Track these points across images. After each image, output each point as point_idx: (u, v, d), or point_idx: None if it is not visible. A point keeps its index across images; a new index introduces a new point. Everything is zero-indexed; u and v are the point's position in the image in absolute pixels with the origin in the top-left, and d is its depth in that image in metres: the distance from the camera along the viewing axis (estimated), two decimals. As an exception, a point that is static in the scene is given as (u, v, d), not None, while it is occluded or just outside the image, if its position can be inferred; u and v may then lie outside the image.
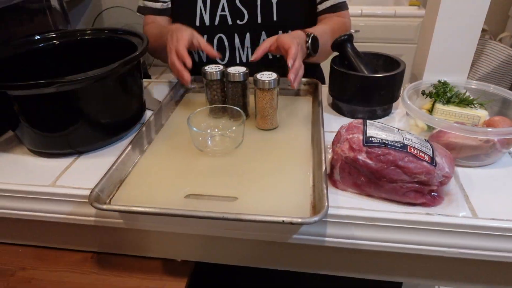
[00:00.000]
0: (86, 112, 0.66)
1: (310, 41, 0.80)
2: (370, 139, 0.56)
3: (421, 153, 0.54)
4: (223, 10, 0.91)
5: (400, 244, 0.55)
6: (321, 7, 0.95)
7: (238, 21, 0.92)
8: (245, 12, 0.91)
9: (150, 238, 0.66)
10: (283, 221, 0.50)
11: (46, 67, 0.79)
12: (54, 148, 0.69)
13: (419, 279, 0.61)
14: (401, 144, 0.55)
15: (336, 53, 0.83)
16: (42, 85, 0.58)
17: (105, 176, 0.59)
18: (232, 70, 0.74)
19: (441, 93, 0.73)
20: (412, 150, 0.55)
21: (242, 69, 0.74)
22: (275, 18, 0.91)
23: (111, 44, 0.80)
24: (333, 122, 0.78)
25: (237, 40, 0.94)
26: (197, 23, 0.92)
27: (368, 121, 0.62)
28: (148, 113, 0.83)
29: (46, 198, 0.61)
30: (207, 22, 0.92)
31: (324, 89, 0.88)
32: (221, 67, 0.76)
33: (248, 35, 0.93)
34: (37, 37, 0.77)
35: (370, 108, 0.78)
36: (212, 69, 0.75)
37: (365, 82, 0.76)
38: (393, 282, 0.84)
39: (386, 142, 0.55)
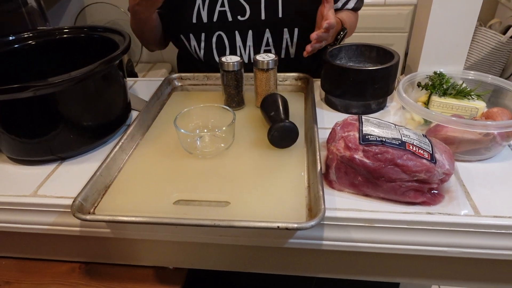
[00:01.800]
0: (66, 115, 0.63)
1: (341, 37, 0.82)
2: (367, 136, 0.54)
3: (420, 150, 0.52)
4: (222, 5, 0.85)
5: (400, 246, 0.52)
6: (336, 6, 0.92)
7: (239, 17, 0.85)
8: (247, 7, 0.85)
9: (140, 247, 0.63)
10: (278, 227, 0.47)
11: (22, 69, 0.75)
12: (34, 155, 0.65)
13: (419, 280, 0.60)
14: (399, 141, 0.53)
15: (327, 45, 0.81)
16: (16, 89, 0.55)
17: (89, 183, 0.56)
18: (226, 59, 0.74)
19: (437, 85, 0.71)
20: (411, 147, 0.52)
21: (236, 58, 0.74)
22: (280, 15, 0.84)
23: (91, 43, 0.76)
24: (327, 118, 0.76)
25: (238, 38, 0.87)
26: (194, 20, 0.86)
27: (363, 117, 0.59)
28: (134, 114, 0.79)
29: (27, 209, 0.58)
30: (204, 19, 0.86)
31: (317, 84, 0.85)
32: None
33: (250, 32, 0.87)
34: (11, 38, 0.73)
35: (364, 103, 0.76)
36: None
37: (358, 76, 0.73)
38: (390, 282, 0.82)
39: (384, 139, 0.53)
